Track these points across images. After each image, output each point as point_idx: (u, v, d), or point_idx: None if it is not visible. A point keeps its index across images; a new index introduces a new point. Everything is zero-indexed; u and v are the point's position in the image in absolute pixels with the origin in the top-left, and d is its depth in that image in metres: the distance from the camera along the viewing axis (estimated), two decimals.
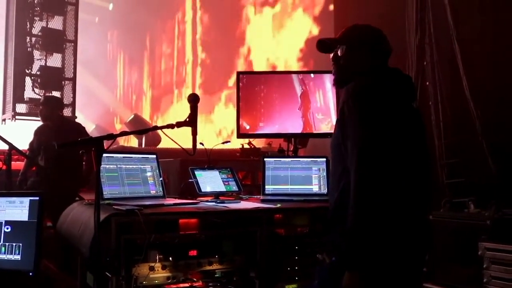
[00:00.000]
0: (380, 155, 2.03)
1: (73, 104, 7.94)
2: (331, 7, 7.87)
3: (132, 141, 11.69)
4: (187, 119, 2.71)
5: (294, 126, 4.26)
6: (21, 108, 7.69)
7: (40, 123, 5.97)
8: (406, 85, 2.35)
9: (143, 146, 9.74)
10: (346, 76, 2.38)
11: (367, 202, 2.00)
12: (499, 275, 3.70)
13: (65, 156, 5.10)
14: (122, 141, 11.70)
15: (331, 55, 2.46)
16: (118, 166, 3.19)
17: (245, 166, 5.50)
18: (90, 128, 13.66)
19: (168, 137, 2.73)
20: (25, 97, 7.71)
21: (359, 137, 2.08)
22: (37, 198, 2.73)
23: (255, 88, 4.20)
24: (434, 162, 4.94)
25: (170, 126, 2.69)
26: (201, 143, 3.45)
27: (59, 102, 6.35)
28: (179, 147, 2.85)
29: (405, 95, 2.32)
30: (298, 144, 4.45)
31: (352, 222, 2.03)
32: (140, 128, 9.95)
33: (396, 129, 2.14)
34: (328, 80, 4.17)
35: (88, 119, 13.66)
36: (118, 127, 15.49)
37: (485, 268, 3.79)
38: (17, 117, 7.63)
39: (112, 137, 2.56)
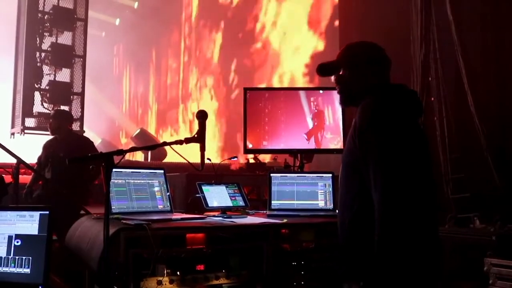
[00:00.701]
0: (405, 175, 2.02)
1: (81, 119, 8.00)
2: (336, 23, 7.93)
3: (138, 155, 11.72)
4: (196, 135, 2.74)
5: (299, 141, 4.28)
6: (30, 122, 7.76)
7: (49, 137, 6.02)
8: (413, 101, 2.34)
9: (149, 160, 9.76)
10: (351, 95, 2.38)
11: (395, 226, 1.97)
12: None
13: (71, 170, 5.14)
14: (128, 155, 11.72)
15: (332, 77, 2.46)
16: (127, 181, 3.22)
17: (251, 181, 5.52)
18: (96, 142, 13.72)
19: (177, 153, 2.76)
20: (34, 111, 7.79)
21: (382, 158, 2.06)
22: (47, 212, 2.74)
23: (260, 104, 4.23)
24: (439, 177, 4.95)
25: (179, 142, 2.71)
26: (208, 159, 3.47)
27: (68, 116, 6.39)
28: (185, 161, 2.88)
29: (413, 110, 2.30)
30: (304, 159, 4.47)
31: (381, 247, 1.99)
32: (146, 142, 10.05)
33: (413, 146, 2.13)
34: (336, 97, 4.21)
35: (94, 133, 13.73)
36: (124, 141, 15.55)
37: (490, 284, 3.77)
38: (26, 131, 7.69)
39: (122, 152, 2.59)
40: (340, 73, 2.41)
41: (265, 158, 6.04)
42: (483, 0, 5.43)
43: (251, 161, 5.63)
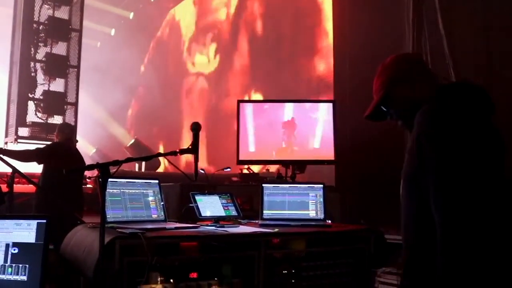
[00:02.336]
0: (469, 192, 1.82)
1: (75, 128, 8.03)
2: (331, 40, 8.05)
3: (132, 164, 11.76)
4: (190, 147, 2.81)
5: (292, 153, 4.37)
6: (23, 131, 7.75)
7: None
8: (480, 98, 2.08)
9: (143, 169, 9.81)
10: (407, 118, 2.13)
11: (458, 252, 1.79)
12: None
13: (66, 181, 5.19)
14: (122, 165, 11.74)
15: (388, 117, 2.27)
16: (122, 190, 3.28)
17: (244, 191, 5.58)
18: (90, 151, 13.73)
19: (172, 163, 2.83)
20: (27, 121, 7.79)
21: (446, 174, 1.86)
22: (44, 221, 2.80)
23: (254, 116, 4.32)
24: None
25: (173, 153, 2.79)
26: (201, 169, 3.55)
27: (68, 127, 6.45)
28: (179, 171, 2.95)
29: (481, 110, 2.04)
30: (296, 169, 4.55)
31: (443, 273, 1.82)
32: (140, 151, 10.09)
33: (482, 157, 1.89)
34: (325, 109, 4.31)
35: (89, 143, 13.74)
36: (118, 151, 15.52)
37: None
38: (19, 140, 7.69)
39: (118, 163, 2.66)
40: (386, 109, 2.24)
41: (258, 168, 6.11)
42: (474, 13, 5.55)
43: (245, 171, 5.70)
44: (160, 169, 10.22)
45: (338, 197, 5.65)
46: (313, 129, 4.40)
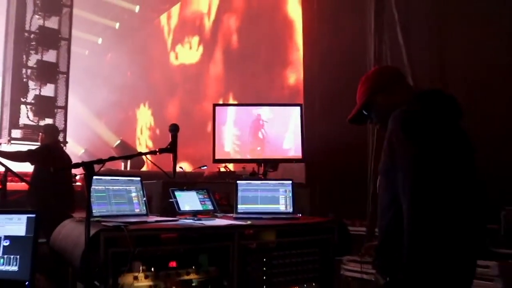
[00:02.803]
0: (433, 184, 1.91)
1: (64, 130, 7.99)
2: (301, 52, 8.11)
3: (118, 164, 11.69)
4: (168, 146, 2.83)
5: (264, 152, 4.40)
6: (16, 133, 7.73)
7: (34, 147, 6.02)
8: (451, 105, 2.16)
9: (128, 168, 9.76)
10: (387, 121, 2.17)
11: (422, 235, 1.89)
12: None
13: (57, 179, 5.17)
14: (109, 164, 11.68)
15: (368, 121, 2.39)
16: (106, 187, 3.27)
17: (222, 188, 5.59)
18: (79, 152, 13.63)
19: (152, 162, 2.84)
20: (20, 123, 7.76)
21: (410, 166, 1.96)
22: (34, 215, 2.80)
23: (228, 119, 4.35)
24: None
25: (153, 152, 2.80)
26: (180, 167, 3.56)
27: (56, 130, 6.41)
28: (159, 169, 2.95)
29: (451, 115, 2.13)
30: (270, 168, 4.58)
31: (408, 254, 1.92)
32: (126, 152, 10.05)
33: (446, 153, 1.99)
34: (294, 112, 4.37)
35: (78, 144, 13.63)
36: (105, 152, 15.41)
37: None
38: (12, 141, 7.65)
39: (102, 161, 2.67)
40: (367, 113, 2.34)
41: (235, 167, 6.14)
42: (429, 27, 5.67)
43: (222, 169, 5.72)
44: (144, 168, 10.18)
45: (308, 193, 5.72)
46: (283, 131, 4.43)
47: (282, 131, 4.42)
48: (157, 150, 2.80)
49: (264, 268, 3.26)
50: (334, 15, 6.92)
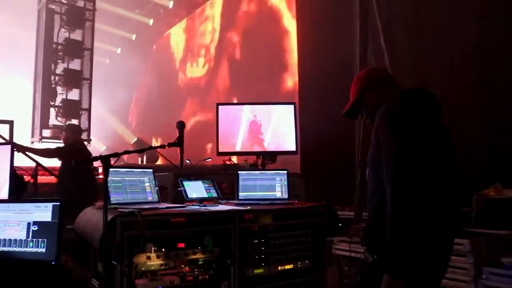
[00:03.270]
0: (412, 171, 1.91)
1: (88, 129, 8.03)
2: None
3: (135, 159, 11.71)
4: (176, 141, 2.82)
5: (264, 146, 4.39)
6: (46, 133, 7.79)
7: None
8: (431, 102, 2.18)
9: (144, 162, 9.77)
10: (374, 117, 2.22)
11: (402, 215, 1.89)
12: None
13: (81, 172, 5.19)
14: (127, 159, 11.70)
15: (359, 116, 2.40)
16: (122, 178, 3.26)
17: (227, 179, 5.59)
18: (102, 148, 13.64)
19: (161, 155, 2.84)
20: (50, 124, 7.81)
21: (392, 156, 1.96)
22: (58, 203, 2.81)
23: (230, 116, 4.34)
24: None
25: (163, 146, 2.80)
26: (187, 160, 3.55)
27: (76, 128, 6.42)
28: (168, 161, 2.95)
29: (431, 111, 2.15)
30: (269, 160, 4.57)
31: (390, 233, 1.92)
32: (142, 147, 10.04)
33: (426, 144, 2.01)
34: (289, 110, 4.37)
35: (100, 142, 13.65)
36: (124, 148, 15.43)
37: None
38: (43, 140, 7.71)
39: (117, 155, 2.66)
40: (360, 109, 2.36)
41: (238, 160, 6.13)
42: (409, 31, 5.64)
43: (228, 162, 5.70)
44: (159, 162, 10.18)
45: (303, 183, 5.72)
46: (279, 126, 4.41)
47: (277, 127, 4.40)
48: (166, 144, 2.80)
49: (263, 248, 3.26)
50: (325, 25, 6.89)
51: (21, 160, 4.75)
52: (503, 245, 3.66)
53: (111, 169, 3.01)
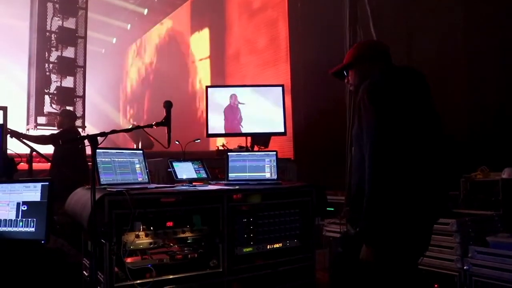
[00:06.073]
0: (390, 141, 1.92)
1: (83, 116, 7.99)
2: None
3: (131, 145, 11.64)
4: (163, 120, 2.80)
5: (251, 127, 4.38)
6: (41, 120, 7.72)
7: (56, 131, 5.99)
8: (416, 80, 2.18)
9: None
10: (359, 86, 2.24)
11: (378, 184, 1.90)
12: None
13: (73, 155, 5.18)
14: (122, 145, 11.62)
15: (345, 80, 2.42)
16: (112, 159, 3.24)
17: (220, 164, 5.58)
18: None
19: (148, 134, 2.80)
20: (44, 111, 7.75)
21: (371, 126, 1.97)
22: (47, 183, 2.79)
23: (219, 99, 4.32)
24: None
25: (150, 125, 2.78)
26: (176, 141, 3.53)
27: (71, 114, 6.38)
28: (158, 142, 2.92)
29: (416, 89, 2.14)
30: (262, 144, 4.56)
31: (367, 202, 1.94)
32: (137, 134, 10.01)
33: (405, 119, 1.99)
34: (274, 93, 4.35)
35: (95, 128, 13.57)
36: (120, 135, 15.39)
37: None
38: (38, 127, 7.65)
39: (104, 134, 2.64)
40: (348, 75, 2.37)
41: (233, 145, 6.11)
42: (397, 18, 5.62)
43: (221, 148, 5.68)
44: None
45: (295, 167, 5.74)
46: (267, 109, 4.39)
47: (266, 109, 4.37)
48: (153, 124, 2.77)
49: (251, 227, 3.26)
50: (315, 14, 6.87)
51: (16, 147, 4.70)
52: (488, 225, 3.69)
53: (101, 151, 3.01)
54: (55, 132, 5.85)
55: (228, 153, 3.78)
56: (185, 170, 3.59)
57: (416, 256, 2.17)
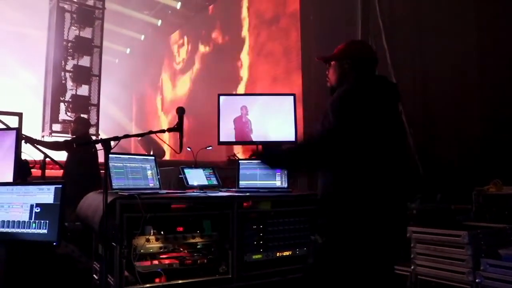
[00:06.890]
0: (340, 143, 1.92)
1: (97, 124, 8.07)
2: None
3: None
4: (175, 126, 2.81)
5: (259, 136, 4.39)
6: (56, 127, 7.82)
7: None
8: (389, 90, 2.18)
9: None
10: (332, 86, 2.33)
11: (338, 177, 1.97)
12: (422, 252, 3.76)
13: (86, 160, 5.23)
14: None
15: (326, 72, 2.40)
16: (124, 164, 3.27)
17: (231, 173, 5.58)
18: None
19: (160, 138, 2.84)
20: (59, 118, 7.86)
21: (332, 126, 1.97)
22: (60, 186, 2.81)
23: (232, 107, 4.34)
24: None
25: (162, 131, 2.79)
26: (188, 148, 3.55)
27: (85, 121, 6.45)
28: (170, 147, 2.95)
29: (387, 97, 2.14)
30: None
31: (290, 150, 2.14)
32: (149, 142, 10.08)
33: (368, 126, 1.98)
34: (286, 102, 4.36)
35: (107, 136, 13.67)
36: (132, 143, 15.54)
37: (412, 246, 3.84)
38: (53, 134, 7.75)
39: (117, 139, 2.66)
40: (330, 66, 2.36)
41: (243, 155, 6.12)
42: (410, 33, 5.63)
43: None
44: (166, 157, 10.18)
45: (306, 176, 5.72)
46: (279, 117, 4.40)
47: (277, 117, 4.38)
48: (165, 129, 2.79)
49: (261, 234, 3.26)
50: (329, 26, 6.88)
51: (31, 153, 4.77)
52: (500, 237, 3.63)
53: (114, 155, 3.04)
54: (69, 138, 5.93)
55: (239, 161, 3.79)
56: (196, 177, 3.60)
57: (374, 258, 2.05)
